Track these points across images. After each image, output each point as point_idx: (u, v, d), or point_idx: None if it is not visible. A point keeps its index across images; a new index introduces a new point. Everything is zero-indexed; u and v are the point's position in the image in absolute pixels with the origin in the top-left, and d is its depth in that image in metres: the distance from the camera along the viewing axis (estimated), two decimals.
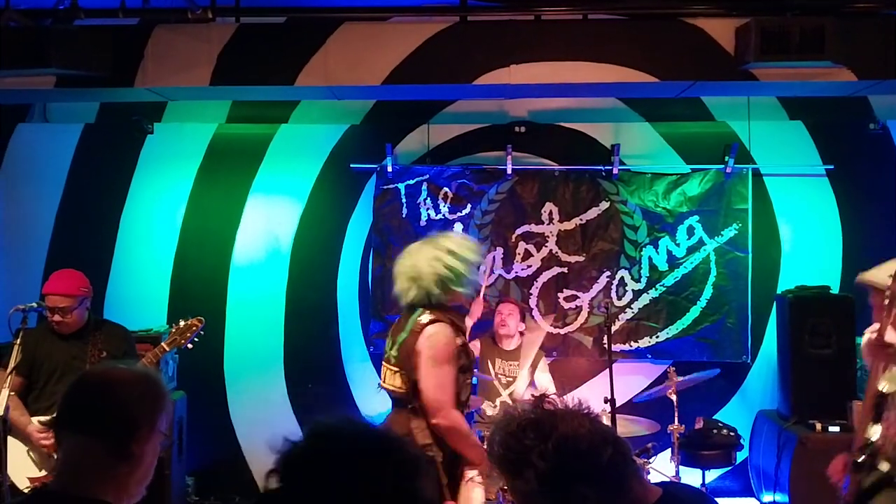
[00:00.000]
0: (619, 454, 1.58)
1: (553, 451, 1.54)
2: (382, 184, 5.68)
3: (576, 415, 1.62)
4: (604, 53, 4.80)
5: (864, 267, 5.46)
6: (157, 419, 1.70)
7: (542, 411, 1.63)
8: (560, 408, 1.65)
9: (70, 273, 4.12)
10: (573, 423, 1.59)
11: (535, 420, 1.60)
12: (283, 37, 4.95)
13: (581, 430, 1.57)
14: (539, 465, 1.53)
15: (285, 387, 5.74)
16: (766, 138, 5.64)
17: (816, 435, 4.90)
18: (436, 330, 3.10)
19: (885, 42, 4.73)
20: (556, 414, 1.62)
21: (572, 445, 1.55)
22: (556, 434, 1.56)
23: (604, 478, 1.55)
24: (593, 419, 1.63)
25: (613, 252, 5.64)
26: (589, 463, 1.55)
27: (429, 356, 3.04)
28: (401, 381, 3.19)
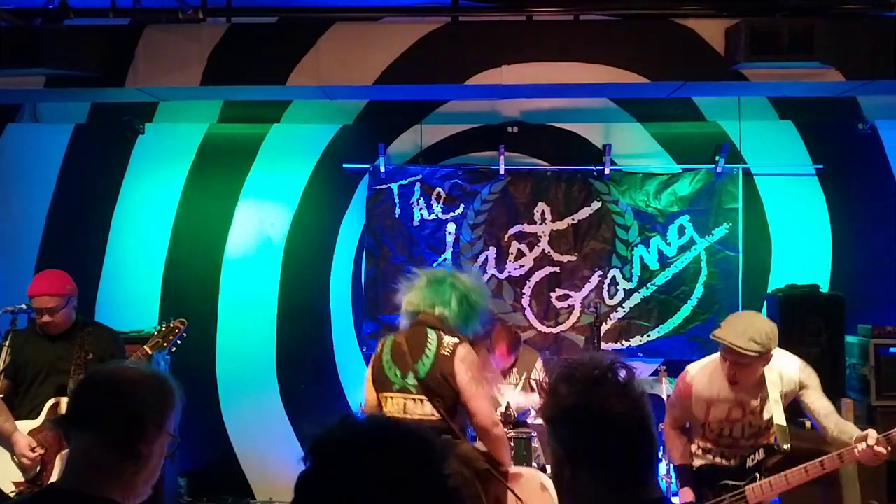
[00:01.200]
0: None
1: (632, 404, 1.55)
2: (375, 184, 5.69)
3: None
4: (595, 54, 4.82)
5: (853, 266, 5.58)
6: (165, 419, 1.71)
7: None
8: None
9: (54, 273, 4.10)
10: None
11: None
12: (275, 37, 4.96)
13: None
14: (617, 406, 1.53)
15: (278, 388, 5.73)
16: (757, 138, 5.68)
17: (806, 433, 4.92)
18: (467, 350, 3.19)
19: (873, 43, 4.77)
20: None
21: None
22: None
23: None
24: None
25: (605, 251, 5.66)
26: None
27: (473, 377, 3.13)
28: (431, 409, 3.15)
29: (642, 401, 1.56)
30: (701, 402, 3.63)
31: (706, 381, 3.63)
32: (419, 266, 5.60)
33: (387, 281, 5.63)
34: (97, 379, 1.79)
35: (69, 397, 1.70)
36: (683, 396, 3.68)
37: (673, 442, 3.75)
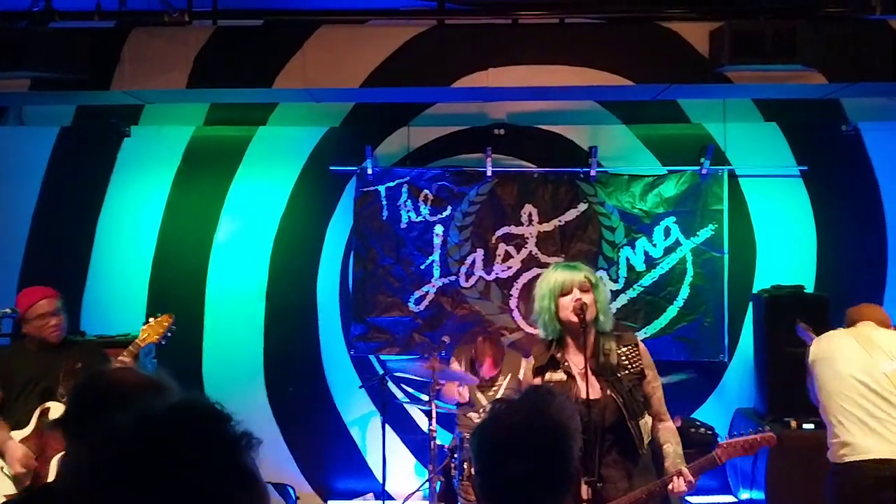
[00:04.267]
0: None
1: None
2: (362, 186, 5.69)
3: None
4: (580, 57, 4.84)
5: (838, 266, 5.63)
6: None
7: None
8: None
9: (41, 286, 4.09)
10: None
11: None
12: (261, 39, 4.96)
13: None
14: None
15: (265, 390, 5.72)
16: (742, 140, 5.72)
17: (792, 433, 4.98)
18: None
19: (855, 45, 4.81)
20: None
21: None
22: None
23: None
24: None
25: (592, 253, 5.68)
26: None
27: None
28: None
29: (554, 427, 1.59)
30: None
31: None
32: (407, 268, 5.65)
33: (375, 283, 5.64)
34: (95, 383, 1.76)
35: (66, 403, 1.67)
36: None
37: None
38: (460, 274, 5.67)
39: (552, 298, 3.07)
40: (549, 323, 3.09)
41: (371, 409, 5.66)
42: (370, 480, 5.56)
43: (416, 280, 5.65)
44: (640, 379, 3.06)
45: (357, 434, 5.74)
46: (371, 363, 5.75)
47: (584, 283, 3.06)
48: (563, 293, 3.05)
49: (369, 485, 5.57)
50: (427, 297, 5.65)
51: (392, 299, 5.64)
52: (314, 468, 5.70)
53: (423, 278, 5.65)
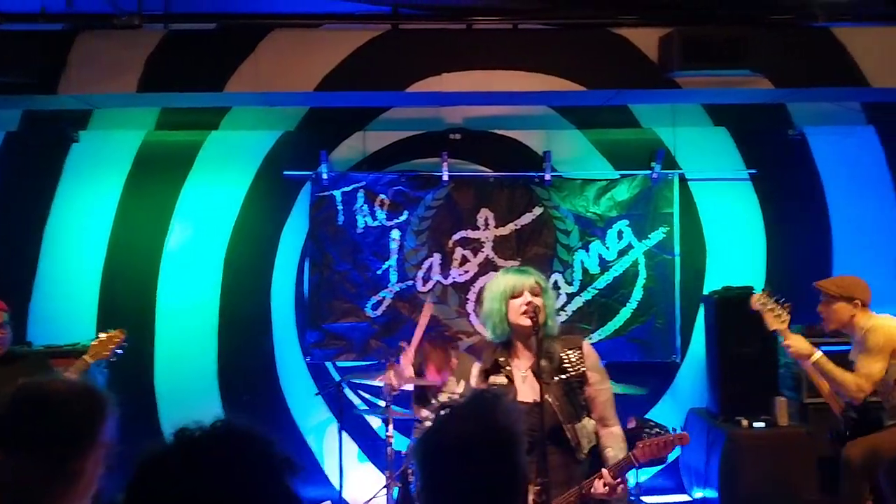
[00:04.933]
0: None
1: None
2: (318, 191, 5.65)
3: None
4: (533, 62, 4.90)
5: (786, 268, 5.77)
6: (98, 432, 1.65)
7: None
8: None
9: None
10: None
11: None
12: (213, 43, 4.92)
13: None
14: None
15: (219, 398, 5.64)
16: (691, 144, 5.83)
17: (743, 431, 5.08)
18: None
19: (801, 52, 4.95)
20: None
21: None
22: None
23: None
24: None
25: (547, 256, 5.73)
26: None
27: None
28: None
29: (501, 429, 1.52)
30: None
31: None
32: (363, 273, 5.63)
33: (331, 289, 5.61)
34: (22, 396, 1.71)
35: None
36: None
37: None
38: (417, 279, 5.67)
39: (503, 301, 3.08)
40: (499, 325, 3.09)
41: (328, 417, 5.62)
42: (327, 488, 5.50)
43: (373, 285, 5.63)
44: (581, 382, 3.05)
45: (313, 442, 5.69)
46: (327, 370, 5.71)
47: (535, 287, 3.08)
48: (514, 296, 3.06)
49: (326, 492, 5.50)
50: (384, 303, 5.64)
51: (348, 305, 5.61)
52: None
53: (380, 283, 5.63)
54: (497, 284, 3.13)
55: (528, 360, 3.06)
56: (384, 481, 4.76)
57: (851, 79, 4.95)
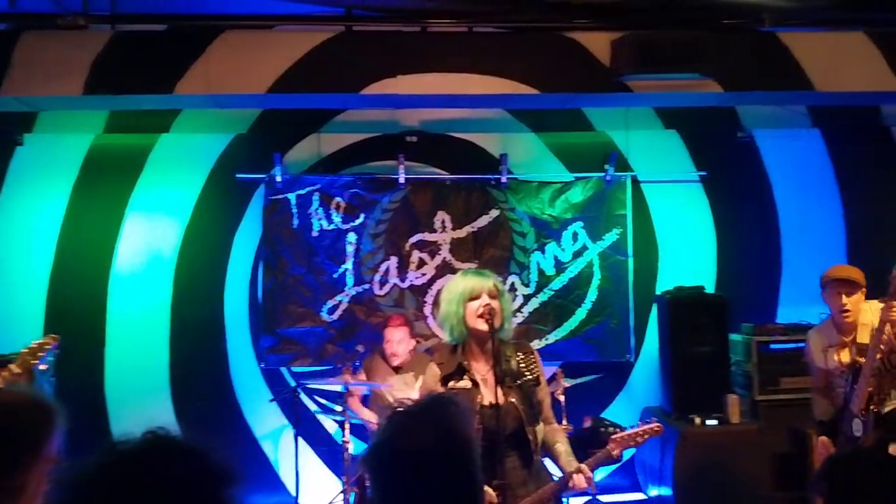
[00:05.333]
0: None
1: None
2: (271, 194, 5.58)
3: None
4: (488, 65, 4.91)
5: (736, 267, 5.89)
6: (42, 445, 1.59)
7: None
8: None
9: None
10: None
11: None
12: (162, 44, 4.82)
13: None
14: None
15: (172, 406, 5.53)
16: (643, 147, 5.91)
17: (696, 429, 5.16)
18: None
19: (749, 56, 5.06)
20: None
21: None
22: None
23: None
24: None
25: (504, 258, 5.75)
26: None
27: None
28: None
29: (459, 439, 1.48)
30: (818, 352, 4.02)
31: (818, 334, 4.07)
32: (319, 277, 5.58)
33: (285, 293, 5.55)
34: None
35: None
36: (807, 351, 4.13)
37: (813, 400, 4.13)
38: (374, 282, 5.64)
39: (460, 303, 3.09)
40: (456, 327, 3.10)
41: (283, 423, 5.55)
42: (283, 495, 5.45)
43: (329, 289, 5.58)
44: (535, 386, 3.12)
45: (269, 448, 5.62)
46: (282, 375, 5.64)
47: (493, 289, 3.10)
48: (472, 298, 3.07)
49: (282, 499, 5.44)
50: (340, 307, 5.59)
51: (304, 310, 5.55)
52: None
53: (336, 287, 5.59)
54: (455, 287, 3.14)
55: (485, 363, 3.08)
56: (341, 487, 4.72)
57: (798, 83, 5.07)
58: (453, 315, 3.09)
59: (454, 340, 3.14)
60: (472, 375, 3.08)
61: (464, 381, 3.09)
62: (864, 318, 3.90)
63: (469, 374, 3.08)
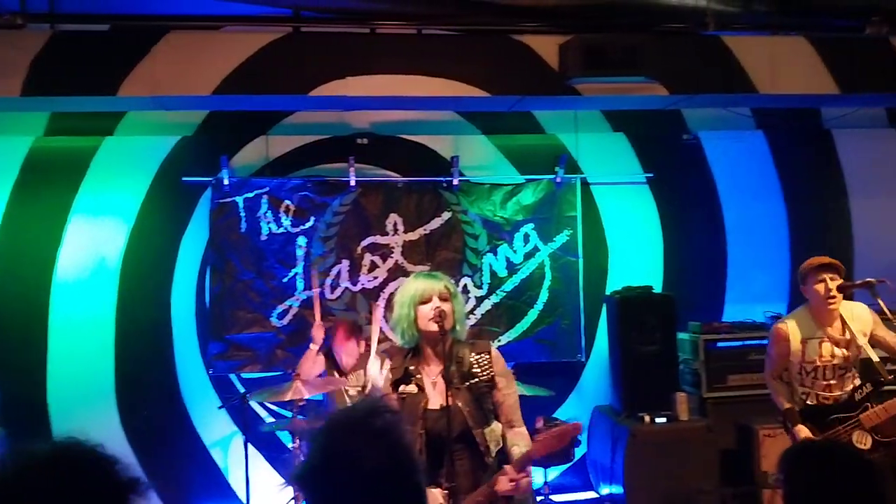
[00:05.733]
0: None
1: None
2: (218, 197, 5.49)
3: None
4: (438, 68, 4.92)
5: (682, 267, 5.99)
6: None
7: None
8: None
9: None
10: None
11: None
12: (105, 45, 4.73)
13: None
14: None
15: (117, 415, 5.39)
16: (592, 149, 5.97)
17: (645, 427, 5.23)
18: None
19: (693, 59, 5.15)
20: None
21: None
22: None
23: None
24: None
25: (456, 260, 5.76)
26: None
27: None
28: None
29: (401, 450, 1.43)
30: (797, 342, 4.04)
31: (797, 324, 4.07)
32: (268, 282, 5.51)
33: (234, 298, 5.46)
34: None
35: None
36: (782, 339, 4.09)
37: (776, 389, 4.15)
38: (325, 286, 5.59)
39: (411, 306, 3.07)
40: (408, 330, 3.09)
41: (233, 430, 5.46)
42: (233, 502, 5.36)
43: (279, 294, 5.51)
44: (490, 387, 3.07)
45: (219, 456, 5.52)
46: (232, 382, 5.55)
47: (444, 292, 3.08)
48: (423, 301, 3.06)
49: None
50: (290, 312, 5.52)
51: (253, 315, 5.46)
52: (174, 494, 5.42)
53: (286, 292, 5.52)
54: (407, 290, 3.12)
55: (438, 366, 3.07)
56: (292, 493, 4.66)
57: (741, 85, 5.19)
58: (405, 318, 3.07)
59: (407, 343, 3.12)
60: (418, 380, 3.07)
61: (410, 385, 3.07)
62: (844, 311, 4.01)
63: (415, 379, 3.07)
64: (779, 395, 4.12)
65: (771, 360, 4.20)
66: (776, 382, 4.16)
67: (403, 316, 3.08)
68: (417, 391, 3.04)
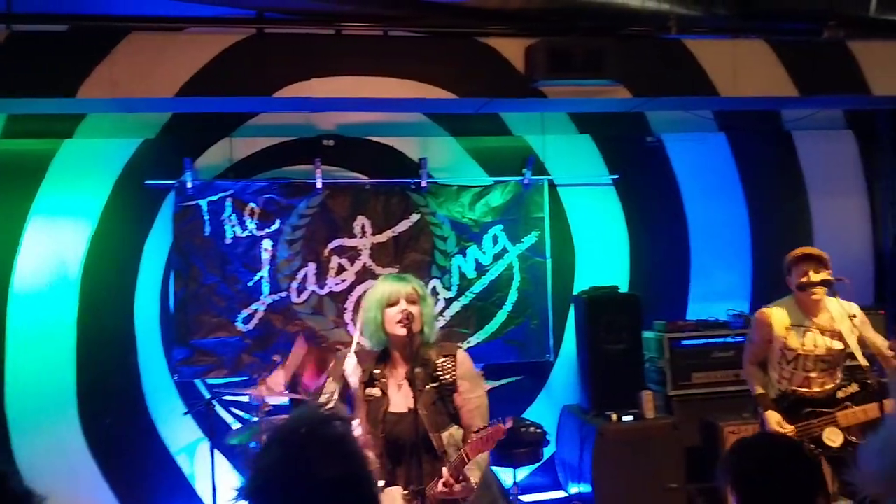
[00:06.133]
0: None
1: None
2: (182, 201, 5.41)
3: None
4: (404, 69, 4.90)
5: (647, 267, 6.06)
6: None
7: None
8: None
9: None
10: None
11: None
12: (64, 46, 4.62)
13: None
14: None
15: (79, 424, 5.27)
16: (559, 151, 6.01)
17: (613, 425, 5.28)
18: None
19: (656, 63, 5.22)
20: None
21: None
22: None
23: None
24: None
25: (425, 262, 5.75)
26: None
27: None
28: None
29: (356, 458, 1.41)
30: (781, 328, 4.05)
31: (784, 311, 4.09)
32: (233, 286, 5.44)
33: (198, 303, 5.38)
34: None
35: None
36: (765, 324, 4.11)
37: (753, 374, 4.19)
38: (291, 290, 5.53)
39: (379, 309, 3.07)
40: (375, 333, 3.09)
41: (199, 436, 5.39)
42: None
43: (244, 298, 5.44)
44: (451, 390, 3.06)
45: (184, 462, 5.44)
46: (197, 388, 5.47)
47: (412, 294, 3.08)
48: (390, 304, 3.05)
49: None
50: (256, 316, 5.46)
51: (218, 319, 5.39)
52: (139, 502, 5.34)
53: (252, 296, 5.45)
54: (374, 293, 3.12)
55: (404, 369, 3.06)
56: None
57: (703, 88, 5.27)
58: (372, 321, 3.07)
59: (376, 346, 3.11)
60: (382, 384, 3.06)
61: (374, 389, 3.07)
62: (834, 306, 4.05)
63: (379, 383, 3.06)
64: (754, 381, 4.15)
65: (752, 346, 4.24)
66: (753, 368, 4.19)
67: (371, 319, 3.08)
68: (380, 395, 3.04)
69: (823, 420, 3.98)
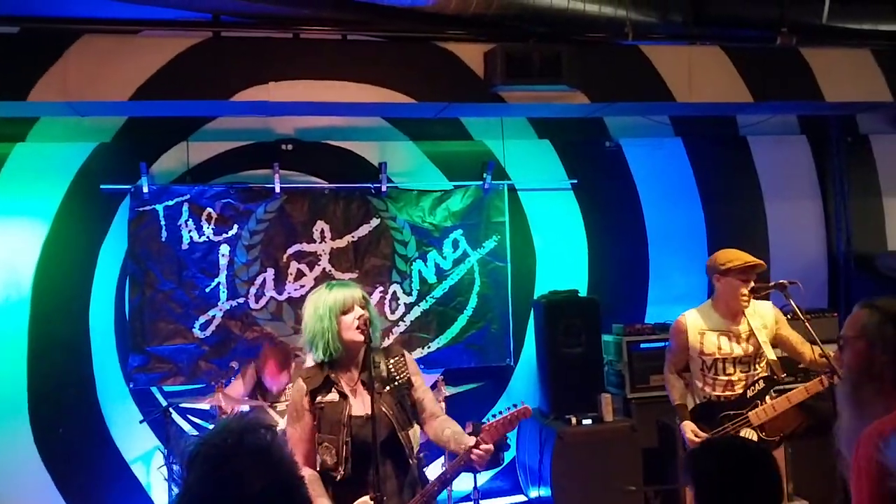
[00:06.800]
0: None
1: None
2: (138, 206, 5.33)
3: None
4: (363, 74, 4.90)
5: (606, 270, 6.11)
6: None
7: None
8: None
9: None
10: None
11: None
12: (14, 48, 4.53)
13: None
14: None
15: (31, 434, 5.16)
16: (519, 156, 6.04)
17: (572, 429, 5.31)
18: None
19: (614, 69, 5.28)
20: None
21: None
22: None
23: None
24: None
25: (385, 267, 5.74)
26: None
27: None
28: None
29: (285, 465, 1.39)
30: (695, 333, 4.14)
31: (699, 316, 4.18)
32: (190, 292, 5.37)
33: (154, 309, 5.31)
34: None
35: None
36: (680, 331, 4.19)
37: (672, 384, 4.28)
38: (249, 295, 5.48)
39: (332, 318, 3.01)
40: (331, 343, 2.99)
41: (155, 444, 5.31)
42: None
43: (201, 304, 5.37)
44: (408, 388, 3.10)
45: (140, 471, 5.35)
46: (153, 395, 5.39)
47: (362, 300, 3.07)
48: (345, 311, 3.01)
49: None
50: (213, 322, 5.40)
51: (174, 326, 5.32)
52: None
53: (209, 302, 5.39)
54: (323, 302, 3.02)
55: (355, 374, 3.05)
56: None
57: (659, 94, 5.34)
58: (327, 331, 2.97)
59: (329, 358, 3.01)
60: (339, 388, 3.03)
61: (332, 394, 3.03)
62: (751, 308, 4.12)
63: (337, 387, 3.04)
64: (673, 390, 4.24)
65: (670, 353, 4.32)
66: (673, 377, 4.28)
67: (325, 329, 2.97)
68: (340, 399, 3.01)
69: (737, 423, 4.05)
